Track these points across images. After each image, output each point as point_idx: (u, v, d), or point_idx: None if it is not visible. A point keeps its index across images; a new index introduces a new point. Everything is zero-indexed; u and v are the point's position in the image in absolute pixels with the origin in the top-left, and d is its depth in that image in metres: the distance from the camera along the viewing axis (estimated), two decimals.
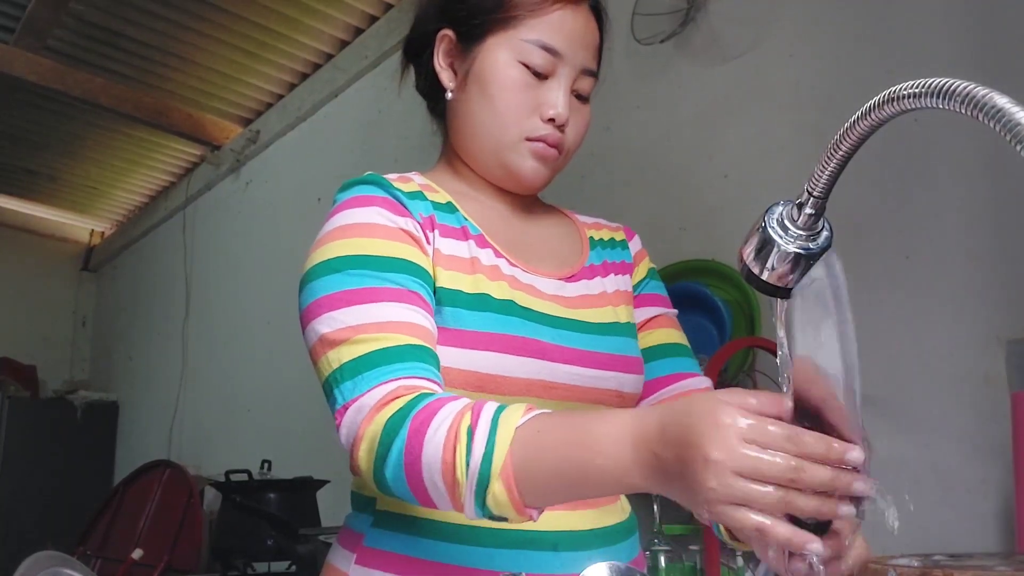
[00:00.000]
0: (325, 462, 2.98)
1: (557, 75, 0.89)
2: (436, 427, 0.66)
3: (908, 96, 0.47)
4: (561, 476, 0.62)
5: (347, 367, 0.74)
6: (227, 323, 4.09)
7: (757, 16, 1.91)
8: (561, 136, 0.90)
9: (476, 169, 0.95)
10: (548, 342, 0.86)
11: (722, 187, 1.92)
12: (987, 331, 1.43)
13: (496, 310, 0.84)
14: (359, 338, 0.75)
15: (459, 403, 0.68)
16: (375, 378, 0.72)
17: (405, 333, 0.76)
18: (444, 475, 0.66)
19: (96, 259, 5.89)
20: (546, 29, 0.88)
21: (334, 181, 0.91)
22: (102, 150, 4.59)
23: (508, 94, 0.88)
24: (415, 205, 0.87)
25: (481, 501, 0.65)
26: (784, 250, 0.58)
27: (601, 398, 0.89)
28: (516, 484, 0.63)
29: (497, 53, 0.89)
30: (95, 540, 3.46)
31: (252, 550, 2.60)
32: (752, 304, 1.74)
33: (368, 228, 0.83)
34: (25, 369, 5.15)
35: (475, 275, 0.85)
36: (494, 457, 0.63)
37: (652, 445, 0.57)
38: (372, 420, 0.70)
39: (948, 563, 0.99)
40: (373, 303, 0.77)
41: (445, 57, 0.94)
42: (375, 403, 0.71)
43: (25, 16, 3.34)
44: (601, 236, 1.03)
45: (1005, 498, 1.37)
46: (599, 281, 0.96)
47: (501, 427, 0.64)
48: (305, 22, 3.33)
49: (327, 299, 0.78)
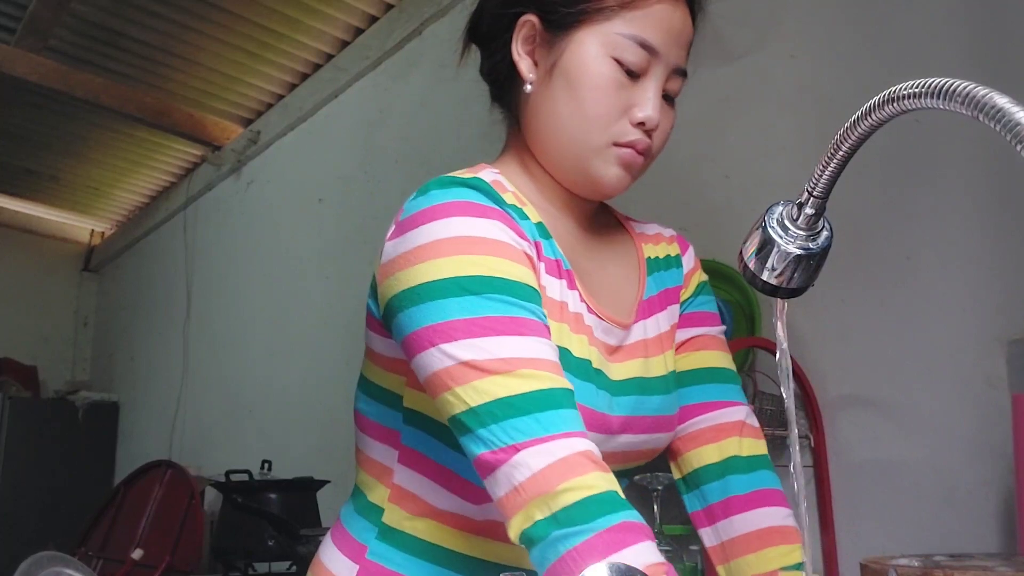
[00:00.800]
0: (326, 462, 2.98)
1: (651, 74, 0.81)
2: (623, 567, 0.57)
3: (908, 96, 0.47)
4: None
5: (511, 402, 0.65)
6: (228, 323, 4.09)
7: (758, 17, 1.91)
8: (649, 142, 0.83)
9: (551, 171, 0.86)
10: (608, 414, 0.79)
11: (723, 187, 1.92)
12: (988, 332, 1.43)
13: (574, 372, 0.76)
14: (522, 372, 0.66)
15: (656, 554, 0.61)
16: (556, 425, 0.64)
17: (560, 375, 0.68)
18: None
19: (97, 259, 5.89)
20: (644, 23, 0.80)
21: (335, 181, 0.91)
22: (103, 150, 4.59)
23: (598, 93, 0.80)
24: (524, 225, 0.78)
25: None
26: (784, 250, 0.58)
27: (635, 458, 0.86)
28: None
29: (589, 47, 0.80)
30: (96, 540, 3.46)
31: (253, 550, 2.60)
32: (752, 304, 1.74)
33: (495, 245, 0.72)
34: (26, 369, 5.15)
35: (562, 323, 0.77)
36: None
37: None
38: (565, 482, 0.61)
39: (949, 563, 0.99)
40: (522, 336, 0.68)
41: (525, 44, 0.84)
42: (563, 458, 0.63)
43: (26, 16, 3.34)
44: (657, 254, 0.95)
45: (1006, 499, 1.36)
46: (655, 321, 0.89)
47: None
48: (306, 22, 3.33)
49: (464, 324, 0.68)
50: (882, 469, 1.54)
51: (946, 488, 1.43)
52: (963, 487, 1.42)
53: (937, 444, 1.46)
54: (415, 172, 2.53)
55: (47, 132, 4.37)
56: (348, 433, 2.69)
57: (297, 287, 3.43)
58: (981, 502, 1.40)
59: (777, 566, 0.81)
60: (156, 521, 3.26)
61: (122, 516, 3.45)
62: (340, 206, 3.36)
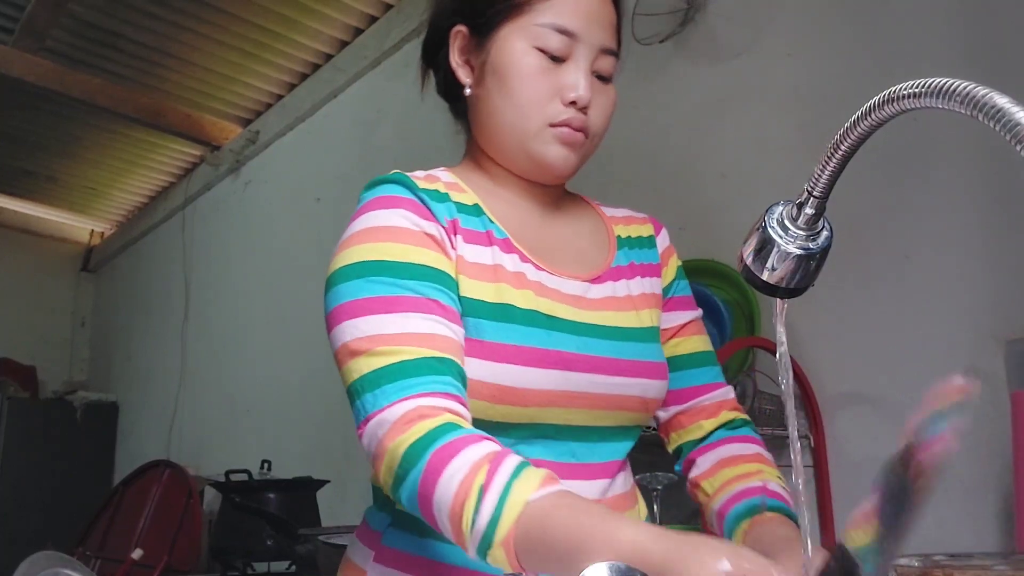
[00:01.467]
0: (325, 462, 2.98)
1: (575, 57, 0.87)
2: (452, 473, 0.67)
3: (908, 96, 0.47)
4: (559, 566, 0.63)
5: (368, 379, 0.75)
6: (226, 323, 4.09)
7: (756, 16, 1.91)
8: (585, 118, 0.88)
9: (502, 163, 0.93)
10: (571, 352, 0.84)
11: (721, 187, 1.92)
12: (987, 331, 1.44)
13: (520, 321, 0.83)
14: (379, 350, 0.75)
15: (479, 449, 0.69)
16: (395, 393, 0.73)
17: (425, 345, 0.76)
18: (451, 520, 0.67)
19: (95, 259, 5.89)
20: (559, 11, 0.86)
21: (333, 181, 0.92)
22: (101, 151, 4.59)
23: (527, 81, 0.86)
24: (440, 208, 0.86)
25: (483, 555, 0.67)
26: (784, 250, 0.58)
27: (625, 404, 0.88)
28: (516, 553, 0.65)
29: (511, 42, 0.87)
30: (95, 540, 3.46)
31: (252, 550, 2.60)
32: (752, 304, 1.74)
33: (391, 232, 0.82)
34: (24, 370, 5.15)
35: (498, 283, 0.84)
36: (498, 526, 0.65)
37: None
38: (394, 439, 0.71)
39: (948, 563, 0.99)
40: (393, 313, 0.77)
41: (460, 54, 0.92)
42: (396, 420, 0.72)
43: (24, 17, 3.34)
44: (629, 234, 1.01)
45: (1005, 497, 1.37)
46: (624, 284, 0.95)
47: (512, 496, 0.65)
48: (304, 22, 3.32)
49: (348, 305, 0.78)
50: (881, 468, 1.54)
51: (945, 487, 1.43)
52: (962, 486, 1.42)
53: None
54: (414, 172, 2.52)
55: (44, 133, 4.36)
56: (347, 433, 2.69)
57: (295, 286, 3.43)
58: (980, 500, 1.40)
59: (724, 481, 0.90)
60: (155, 521, 3.26)
61: (121, 516, 3.45)
62: (338, 206, 3.35)
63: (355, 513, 3.19)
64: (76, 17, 3.37)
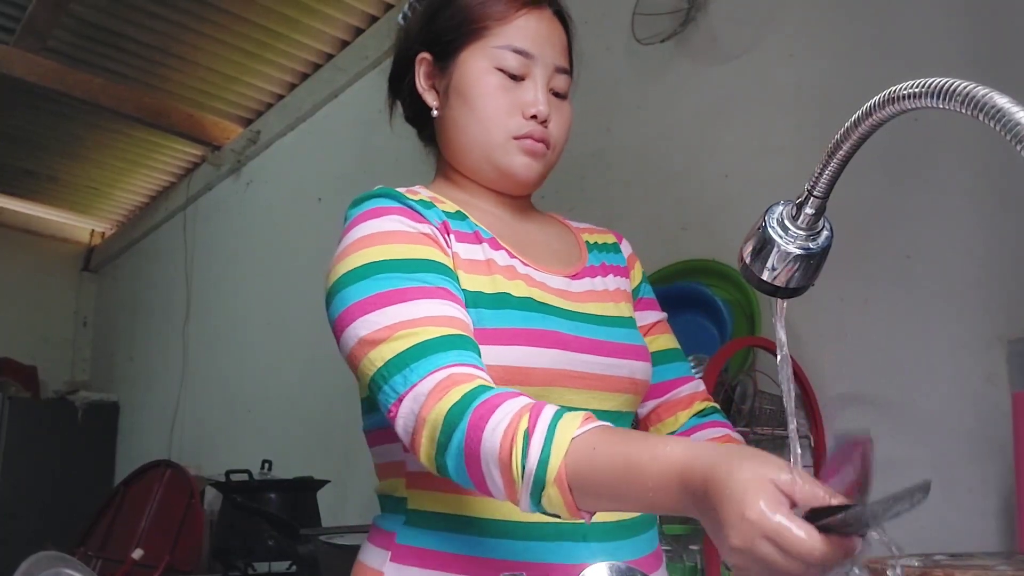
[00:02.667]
0: (325, 462, 2.98)
1: (532, 75, 0.94)
2: (495, 424, 0.69)
3: (908, 96, 0.47)
4: (612, 495, 0.66)
5: (393, 362, 0.76)
6: (228, 323, 4.09)
7: (757, 16, 1.91)
8: (545, 131, 0.94)
9: (472, 177, 0.99)
10: (566, 333, 0.89)
11: (722, 187, 1.92)
12: (988, 330, 1.43)
13: (516, 307, 0.87)
14: (400, 334, 0.77)
15: (518, 401, 0.71)
16: (426, 367, 0.75)
17: (444, 325, 0.78)
18: (502, 472, 0.69)
19: (97, 259, 5.89)
20: (514, 34, 0.94)
21: (335, 181, 0.93)
22: (102, 150, 4.59)
23: (489, 99, 0.93)
24: (429, 213, 0.90)
25: (536, 500, 0.68)
26: (784, 250, 0.58)
27: (619, 386, 0.93)
28: (571, 489, 0.66)
29: (472, 63, 0.94)
30: (96, 540, 3.46)
31: (253, 550, 2.60)
32: (752, 304, 1.74)
33: (389, 235, 0.86)
34: (26, 369, 5.15)
35: (493, 276, 0.89)
36: (548, 465, 0.66)
37: (695, 493, 0.61)
38: (433, 407, 0.72)
39: (949, 563, 0.99)
40: (406, 302, 0.79)
41: (426, 79, 0.99)
42: (431, 389, 0.73)
43: (25, 17, 3.34)
44: (596, 240, 1.08)
45: (1006, 497, 1.37)
46: (600, 280, 1.01)
47: (558, 435, 0.67)
48: (305, 22, 3.33)
49: (359, 305, 0.81)
50: (881, 468, 1.54)
51: (946, 487, 1.43)
52: (963, 486, 1.42)
53: (937, 443, 1.46)
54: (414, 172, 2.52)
55: (46, 132, 4.36)
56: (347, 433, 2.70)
57: (297, 286, 3.43)
58: (981, 500, 1.40)
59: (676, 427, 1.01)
60: (156, 521, 3.26)
61: (122, 516, 3.45)
62: (340, 206, 3.29)
63: (355, 513, 3.20)
64: (77, 17, 3.37)
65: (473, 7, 0.95)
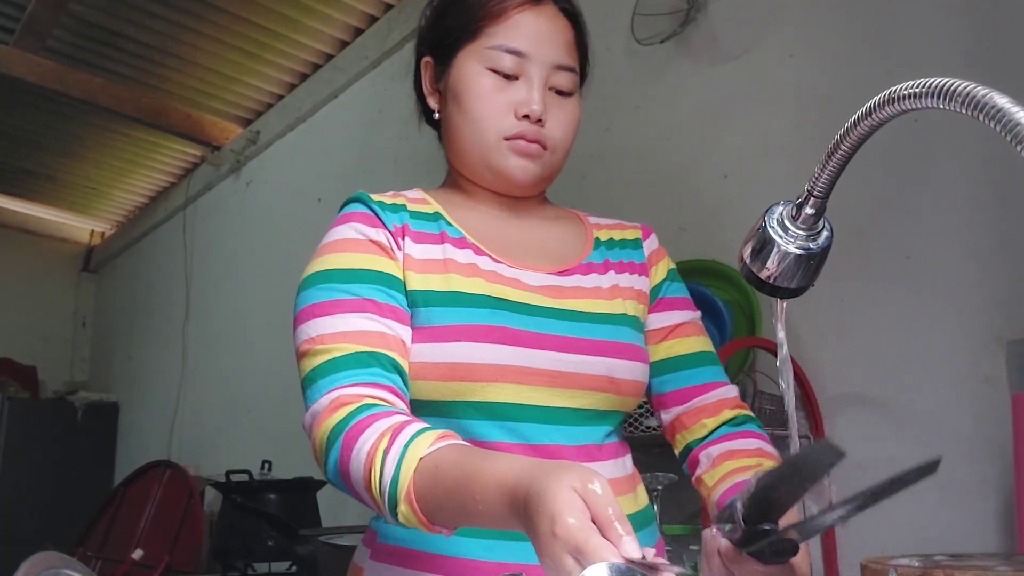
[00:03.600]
0: None
1: (526, 74, 0.93)
2: (360, 446, 0.74)
3: (908, 96, 0.47)
4: (456, 512, 0.69)
5: (307, 378, 0.83)
6: (227, 323, 4.09)
7: (757, 16, 1.91)
8: (540, 131, 0.93)
9: (471, 178, 0.98)
10: (524, 329, 0.88)
11: (722, 187, 1.92)
12: (987, 332, 1.43)
13: (467, 304, 0.88)
14: (316, 349, 0.83)
15: (386, 422, 0.74)
16: (325, 387, 0.80)
17: (355, 342, 0.82)
18: (365, 487, 0.73)
19: (96, 260, 5.89)
20: (507, 33, 0.92)
21: (334, 181, 0.93)
22: (102, 150, 4.59)
23: (481, 100, 0.92)
24: (390, 217, 0.92)
25: (395, 517, 0.72)
26: (784, 250, 0.58)
27: (592, 384, 0.90)
28: (420, 507, 0.69)
29: (466, 65, 0.94)
30: (95, 540, 3.46)
31: (252, 550, 2.60)
32: (752, 304, 1.74)
33: (340, 244, 0.90)
34: (25, 370, 5.15)
35: (448, 275, 0.89)
36: (399, 484, 0.70)
37: (518, 510, 0.62)
38: (320, 426, 0.78)
39: (949, 563, 0.99)
40: (331, 315, 0.84)
41: (431, 83, 1.00)
42: (322, 410, 0.79)
43: (25, 17, 3.34)
44: (611, 236, 1.04)
45: (1005, 498, 1.37)
46: (595, 277, 0.98)
47: (408, 455, 0.70)
48: (305, 22, 3.33)
49: (301, 313, 0.86)
50: (881, 468, 1.54)
51: (946, 488, 1.43)
52: (963, 486, 1.42)
53: (936, 443, 1.46)
54: (414, 172, 2.53)
55: (45, 132, 4.36)
56: None
57: (296, 287, 3.42)
58: (980, 501, 1.40)
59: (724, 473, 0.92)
60: (155, 521, 3.25)
61: (121, 516, 3.45)
62: (339, 206, 3.35)
63: (355, 514, 3.20)
64: (77, 17, 3.37)
65: (470, 8, 0.94)
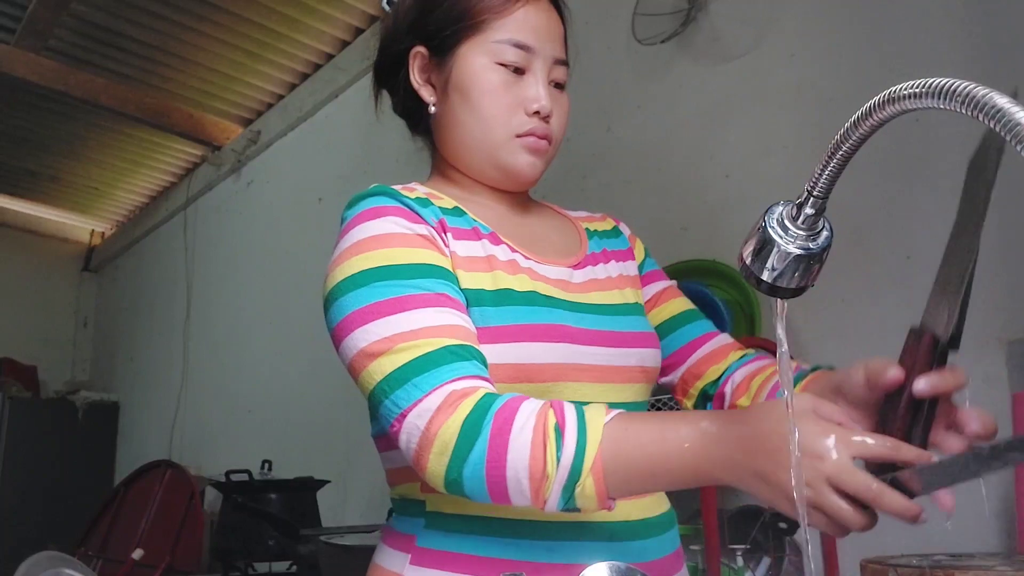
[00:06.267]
0: (325, 462, 2.98)
1: (533, 69, 0.92)
2: (521, 425, 0.69)
3: (908, 96, 0.47)
4: (647, 469, 0.68)
5: (394, 376, 0.75)
6: (228, 323, 4.09)
7: (758, 16, 1.91)
8: (548, 127, 0.93)
9: (471, 174, 0.97)
10: (572, 326, 0.87)
11: (723, 187, 1.92)
12: (987, 331, 1.43)
13: (520, 303, 0.86)
14: (400, 347, 0.76)
15: (536, 402, 0.72)
16: (430, 382, 0.74)
17: (444, 336, 0.77)
18: (532, 471, 0.69)
19: (97, 259, 5.89)
20: (514, 27, 0.91)
21: (335, 181, 0.92)
22: (103, 150, 4.59)
23: (491, 96, 0.91)
24: (425, 211, 0.88)
25: (568, 493, 0.69)
26: (784, 250, 0.58)
27: (629, 376, 0.91)
28: (604, 478, 0.67)
29: (472, 59, 0.91)
30: (96, 540, 3.47)
31: (253, 550, 2.60)
32: (752, 304, 1.74)
33: (386, 238, 0.84)
34: (26, 369, 5.15)
35: (494, 272, 0.87)
36: (586, 453, 0.67)
37: (732, 450, 0.65)
38: (444, 423, 0.71)
39: (949, 563, 0.99)
40: (405, 311, 0.78)
41: (421, 73, 0.97)
42: (439, 405, 0.72)
43: (26, 17, 3.35)
44: (596, 227, 1.06)
45: (1005, 498, 1.37)
46: (602, 267, 0.99)
47: (590, 424, 0.69)
48: (306, 22, 3.33)
49: (358, 313, 0.79)
50: None
51: None
52: (962, 486, 1.42)
53: None
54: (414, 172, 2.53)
55: (47, 132, 4.37)
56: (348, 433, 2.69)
57: (297, 287, 3.43)
58: (980, 501, 1.40)
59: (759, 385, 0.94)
60: (156, 521, 3.26)
61: (122, 516, 3.46)
62: (340, 206, 3.34)
63: (355, 513, 3.19)
64: (78, 17, 3.38)
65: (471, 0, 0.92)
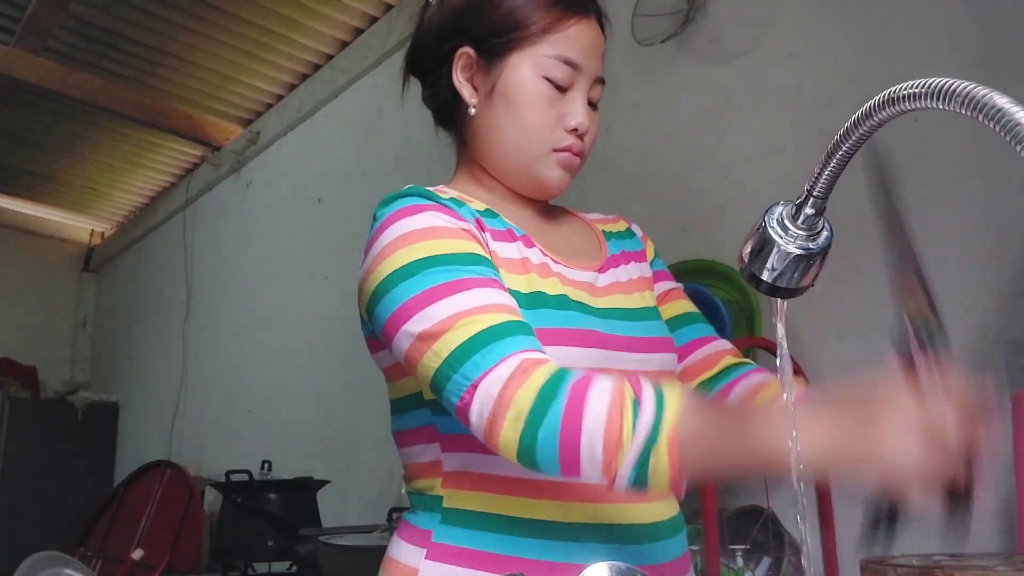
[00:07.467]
0: (325, 462, 2.98)
1: (576, 87, 0.93)
2: (598, 393, 0.69)
3: (908, 96, 0.47)
4: (722, 444, 0.68)
5: (461, 350, 0.74)
6: (227, 323, 4.09)
7: (757, 16, 1.91)
8: (583, 144, 0.94)
9: (502, 180, 0.97)
10: (603, 332, 0.88)
11: (722, 187, 1.92)
12: (986, 331, 1.43)
13: (552, 306, 0.86)
14: (462, 323, 0.75)
15: (608, 376, 0.71)
16: (499, 352, 0.73)
17: (506, 312, 0.77)
18: (607, 437, 0.68)
19: (97, 260, 5.89)
20: (566, 44, 0.92)
21: (334, 181, 0.92)
22: (102, 151, 4.59)
23: (535, 110, 0.91)
24: (461, 210, 0.88)
25: (641, 466, 0.67)
26: (784, 250, 0.58)
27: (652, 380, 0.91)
28: (680, 450, 0.66)
29: (521, 69, 0.92)
30: (95, 540, 3.46)
31: (253, 550, 2.60)
32: (752, 304, 1.74)
33: (431, 231, 0.83)
34: (26, 370, 5.15)
35: (528, 275, 0.88)
36: (664, 421, 0.67)
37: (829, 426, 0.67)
38: (519, 388, 0.71)
39: (948, 563, 0.99)
40: (462, 292, 0.77)
41: (464, 72, 0.96)
42: (512, 372, 0.71)
43: (25, 17, 3.34)
44: (611, 229, 1.07)
45: (1005, 498, 1.37)
46: (624, 269, 1.00)
47: (667, 396, 0.69)
48: (305, 23, 3.33)
49: (413, 301, 0.78)
50: None
51: None
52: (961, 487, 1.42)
53: None
54: (414, 172, 2.53)
55: (46, 132, 4.37)
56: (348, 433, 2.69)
57: (296, 287, 3.43)
58: (981, 501, 1.40)
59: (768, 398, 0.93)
60: (156, 521, 3.26)
61: (121, 516, 3.45)
62: (339, 206, 3.35)
63: (355, 513, 3.18)
64: (77, 17, 3.38)
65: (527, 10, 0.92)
